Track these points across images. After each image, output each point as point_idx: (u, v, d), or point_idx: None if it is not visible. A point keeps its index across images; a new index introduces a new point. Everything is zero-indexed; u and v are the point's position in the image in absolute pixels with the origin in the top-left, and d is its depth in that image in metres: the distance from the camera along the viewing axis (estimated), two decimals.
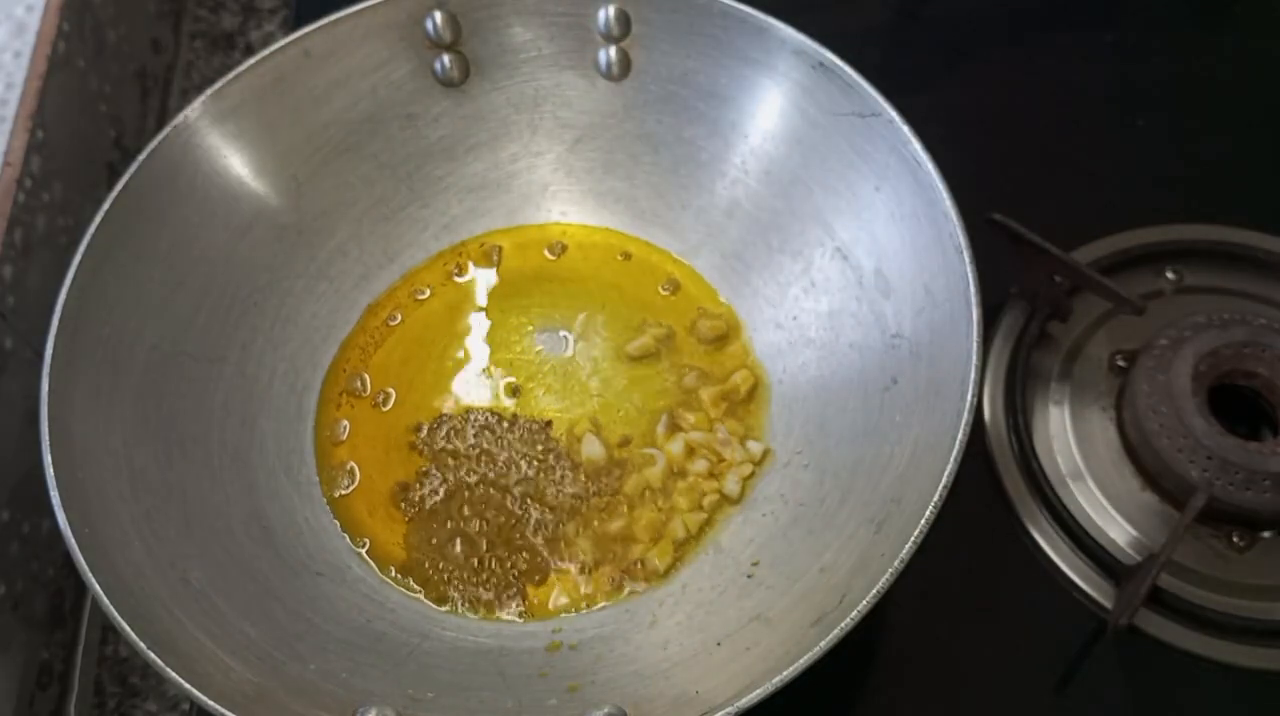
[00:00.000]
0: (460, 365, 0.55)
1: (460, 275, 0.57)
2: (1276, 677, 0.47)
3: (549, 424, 0.53)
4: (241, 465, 0.50)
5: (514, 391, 0.54)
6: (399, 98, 0.55)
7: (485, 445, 0.53)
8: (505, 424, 0.53)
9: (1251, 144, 0.63)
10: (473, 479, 0.52)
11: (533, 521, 0.50)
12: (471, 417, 0.53)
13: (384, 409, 0.54)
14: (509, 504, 0.51)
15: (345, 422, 0.53)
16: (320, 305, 0.55)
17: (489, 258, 0.58)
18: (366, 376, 0.54)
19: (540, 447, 0.52)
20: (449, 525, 0.51)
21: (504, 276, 0.57)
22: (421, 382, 0.54)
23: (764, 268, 0.55)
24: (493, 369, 0.54)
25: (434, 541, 0.50)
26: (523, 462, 0.52)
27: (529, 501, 0.51)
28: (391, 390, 0.54)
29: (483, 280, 0.57)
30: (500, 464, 0.52)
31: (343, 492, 0.51)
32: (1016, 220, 0.53)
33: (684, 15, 0.53)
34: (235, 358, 0.52)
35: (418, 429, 0.53)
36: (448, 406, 0.54)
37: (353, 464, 0.52)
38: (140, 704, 0.52)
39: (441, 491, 0.51)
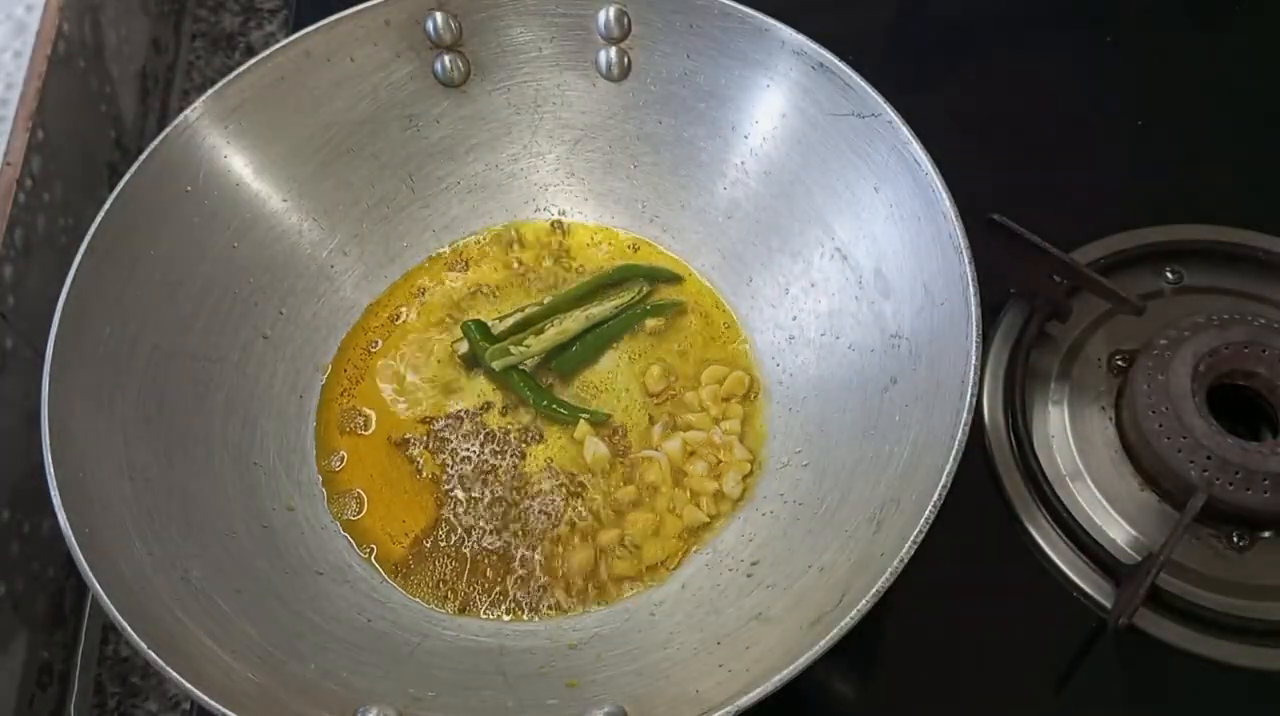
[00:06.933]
0: (459, 367, 0.55)
1: (459, 276, 0.57)
2: (1276, 677, 0.47)
3: (549, 426, 0.53)
4: (242, 465, 0.50)
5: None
6: (400, 98, 0.55)
7: (486, 449, 0.53)
8: (505, 428, 0.53)
9: (1251, 144, 0.63)
10: (474, 482, 0.52)
11: (535, 522, 0.51)
12: (471, 423, 0.53)
13: (381, 420, 0.54)
14: (511, 506, 0.51)
15: (343, 452, 0.53)
16: (321, 305, 0.55)
17: (489, 258, 0.58)
18: (365, 410, 0.54)
19: (541, 450, 0.52)
20: (452, 529, 0.51)
21: (503, 277, 0.57)
22: (420, 388, 0.54)
23: (764, 268, 0.55)
24: (492, 371, 0.54)
25: (437, 546, 0.50)
26: (523, 465, 0.52)
27: (531, 503, 0.51)
28: (387, 399, 0.54)
29: (482, 281, 0.57)
30: (501, 467, 0.52)
31: (351, 518, 0.51)
32: (1016, 220, 0.53)
33: (684, 16, 0.53)
34: (236, 357, 0.52)
35: (417, 439, 0.53)
36: (446, 412, 0.54)
37: (360, 490, 0.52)
38: (141, 703, 0.52)
39: (443, 497, 0.51)
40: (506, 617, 0.48)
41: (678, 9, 0.53)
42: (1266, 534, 0.50)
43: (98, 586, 0.40)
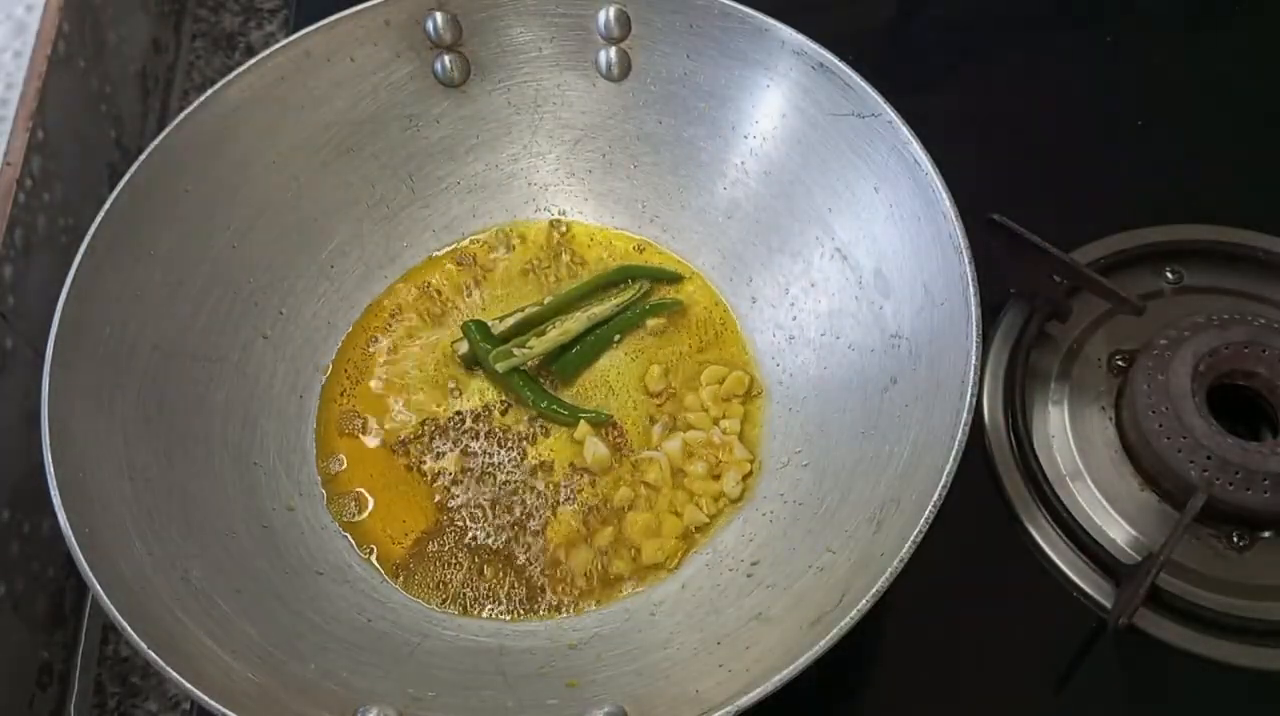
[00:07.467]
0: (459, 368, 0.55)
1: (460, 276, 0.57)
2: (1276, 677, 0.47)
3: (549, 425, 0.53)
4: (242, 465, 0.50)
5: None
6: (400, 98, 0.55)
7: (486, 449, 0.53)
8: (505, 428, 0.53)
9: (1251, 143, 0.63)
10: (474, 483, 0.52)
11: (535, 523, 0.51)
12: (472, 423, 0.53)
13: (381, 421, 0.54)
14: (511, 506, 0.51)
15: (343, 453, 0.52)
16: (321, 305, 0.55)
17: (489, 258, 0.58)
18: (365, 411, 0.54)
19: (541, 450, 0.52)
20: (452, 529, 0.51)
21: (503, 276, 0.57)
22: (420, 388, 0.54)
23: (764, 268, 0.55)
24: (493, 372, 0.54)
25: (438, 546, 0.50)
26: (523, 465, 0.52)
27: (531, 503, 0.51)
28: (387, 399, 0.54)
29: (482, 280, 0.57)
30: (501, 467, 0.52)
31: (351, 518, 0.51)
32: (1016, 220, 0.53)
33: (684, 16, 0.53)
34: (236, 357, 0.52)
35: (417, 440, 0.53)
36: (445, 413, 0.54)
37: (360, 491, 0.52)
38: (141, 703, 0.52)
39: (444, 498, 0.51)
40: (506, 617, 0.48)
41: (678, 9, 0.53)
42: (1266, 534, 0.50)
43: (98, 586, 0.40)
